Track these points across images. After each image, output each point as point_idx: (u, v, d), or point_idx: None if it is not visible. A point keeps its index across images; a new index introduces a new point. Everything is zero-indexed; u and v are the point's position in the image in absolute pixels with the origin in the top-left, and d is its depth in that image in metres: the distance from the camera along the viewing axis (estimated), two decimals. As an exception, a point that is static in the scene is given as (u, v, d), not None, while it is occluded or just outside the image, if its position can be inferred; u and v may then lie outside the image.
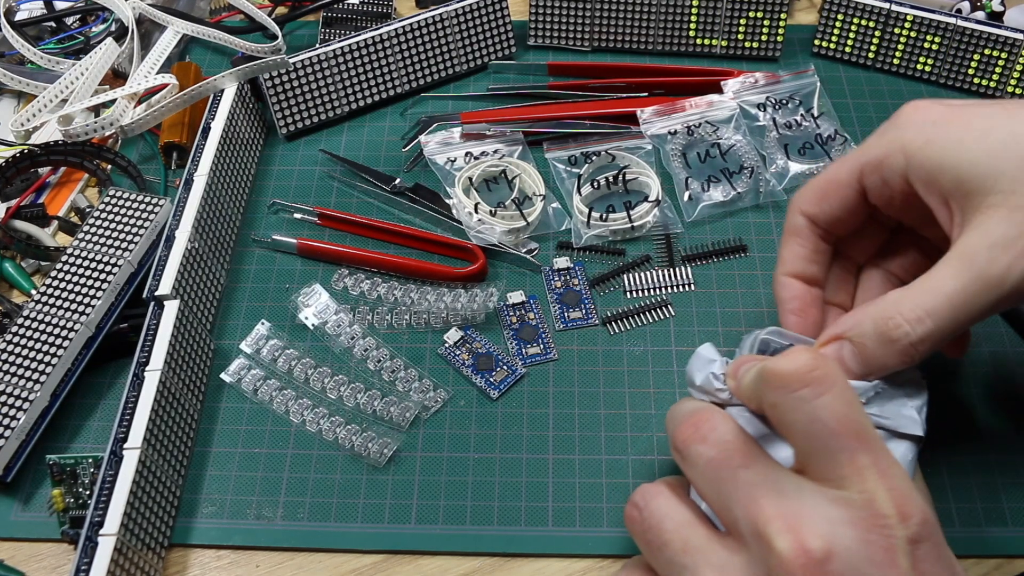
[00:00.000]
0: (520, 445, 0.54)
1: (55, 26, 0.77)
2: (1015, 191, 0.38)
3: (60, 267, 0.57)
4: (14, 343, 0.54)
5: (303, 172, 0.68)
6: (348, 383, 0.56)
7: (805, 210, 0.46)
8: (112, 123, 0.64)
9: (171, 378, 0.52)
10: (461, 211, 0.63)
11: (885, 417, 0.42)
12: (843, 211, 0.46)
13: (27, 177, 0.67)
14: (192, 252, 0.57)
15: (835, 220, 0.46)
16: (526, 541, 0.50)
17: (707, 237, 0.64)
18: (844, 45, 0.75)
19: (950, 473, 0.52)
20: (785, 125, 0.68)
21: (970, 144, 0.40)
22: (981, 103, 0.43)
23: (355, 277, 0.61)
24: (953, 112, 0.42)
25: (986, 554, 0.50)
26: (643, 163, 0.66)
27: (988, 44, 0.71)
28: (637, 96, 0.71)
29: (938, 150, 0.41)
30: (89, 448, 0.54)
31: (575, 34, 0.76)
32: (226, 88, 0.66)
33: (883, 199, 0.45)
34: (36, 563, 0.50)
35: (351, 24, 0.78)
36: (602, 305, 0.60)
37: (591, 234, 0.63)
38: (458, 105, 0.73)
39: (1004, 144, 0.39)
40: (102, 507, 0.45)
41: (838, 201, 0.45)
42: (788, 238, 0.47)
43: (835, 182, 0.45)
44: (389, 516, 0.51)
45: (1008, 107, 0.41)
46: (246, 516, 0.51)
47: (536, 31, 0.76)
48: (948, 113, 0.42)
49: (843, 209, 0.45)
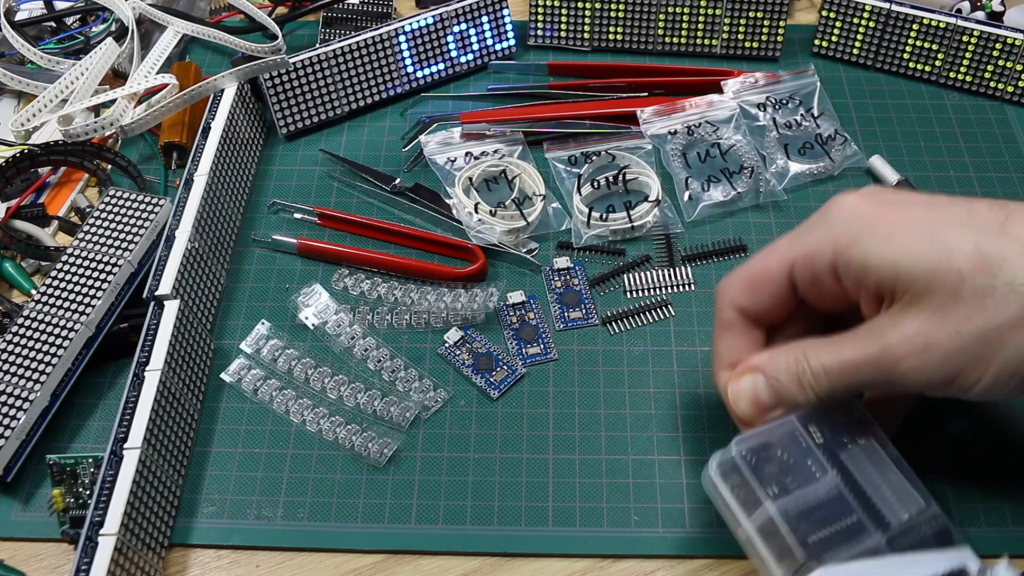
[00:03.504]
0: (520, 445, 0.54)
1: (55, 26, 0.77)
2: (931, 295, 0.40)
3: (60, 267, 0.57)
4: (14, 343, 0.54)
5: (303, 172, 0.68)
6: (348, 383, 0.56)
7: (736, 302, 0.47)
8: (112, 123, 0.64)
9: (171, 378, 0.52)
10: (461, 211, 0.63)
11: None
12: (773, 304, 0.46)
13: (27, 177, 0.67)
14: (192, 252, 0.57)
15: (765, 312, 0.47)
16: (526, 541, 0.50)
17: (707, 237, 0.64)
18: (844, 45, 0.75)
19: (950, 473, 0.52)
20: (785, 125, 0.68)
21: (894, 247, 0.41)
22: (912, 203, 0.43)
23: (355, 277, 0.61)
24: (882, 211, 0.42)
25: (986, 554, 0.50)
26: (643, 163, 0.66)
27: (988, 44, 0.71)
28: (637, 96, 0.71)
29: (864, 250, 0.42)
30: (89, 448, 0.54)
31: (575, 34, 0.76)
32: (226, 88, 0.66)
33: (812, 295, 0.45)
34: (36, 563, 0.50)
35: (351, 24, 0.78)
36: (602, 305, 0.60)
37: (591, 234, 0.63)
38: (458, 105, 0.73)
39: (925, 249, 0.40)
40: (102, 507, 0.45)
41: (768, 294, 0.46)
42: (721, 332, 0.47)
43: (765, 274, 0.46)
44: (389, 516, 0.51)
45: (934, 208, 0.42)
46: (246, 516, 0.51)
47: (536, 31, 0.76)
48: (876, 211, 0.43)
49: (773, 302, 0.46)
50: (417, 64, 0.72)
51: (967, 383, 0.40)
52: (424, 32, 0.71)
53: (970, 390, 0.41)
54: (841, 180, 0.67)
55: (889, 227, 0.42)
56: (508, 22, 0.74)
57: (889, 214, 0.42)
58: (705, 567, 0.49)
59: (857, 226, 0.42)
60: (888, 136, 0.70)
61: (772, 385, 0.44)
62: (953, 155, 0.69)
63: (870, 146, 0.69)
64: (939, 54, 0.72)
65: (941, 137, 0.70)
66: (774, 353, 0.44)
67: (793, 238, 0.45)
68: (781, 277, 0.45)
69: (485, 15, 0.73)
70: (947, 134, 0.70)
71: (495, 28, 0.73)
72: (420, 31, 0.71)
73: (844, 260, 0.42)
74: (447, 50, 0.72)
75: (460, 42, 0.73)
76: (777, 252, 0.45)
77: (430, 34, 0.71)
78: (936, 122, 0.71)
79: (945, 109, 0.72)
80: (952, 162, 0.68)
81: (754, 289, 0.46)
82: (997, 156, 0.69)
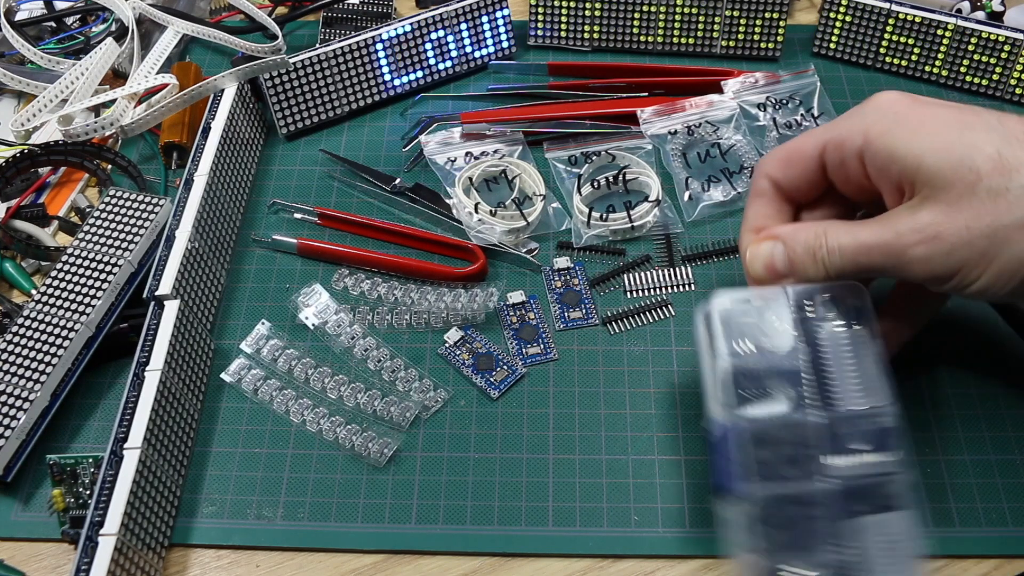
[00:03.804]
0: (520, 445, 0.54)
1: (55, 26, 0.77)
2: (948, 189, 0.42)
3: (60, 267, 0.57)
4: (14, 343, 0.54)
5: (303, 172, 0.68)
6: (348, 383, 0.56)
7: (770, 174, 0.50)
8: (112, 123, 0.64)
9: (171, 378, 0.52)
10: (461, 211, 0.63)
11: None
12: (804, 181, 0.49)
13: (27, 177, 0.67)
14: (192, 252, 0.57)
15: (796, 188, 0.49)
16: (526, 541, 0.50)
17: (707, 237, 0.64)
18: (844, 45, 0.75)
19: (950, 473, 0.52)
20: (785, 125, 0.68)
21: (920, 140, 0.43)
22: (947, 106, 0.45)
23: (355, 277, 0.61)
24: (916, 108, 0.45)
25: (986, 554, 0.50)
26: (643, 163, 0.66)
27: (988, 44, 0.71)
28: (637, 96, 0.71)
29: (893, 140, 0.44)
30: (89, 448, 0.54)
31: (575, 34, 0.76)
32: (226, 88, 0.66)
33: (840, 178, 0.48)
34: (36, 563, 0.50)
35: (351, 24, 0.78)
36: (602, 305, 0.60)
37: (591, 234, 0.63)
38: (458, 105, 0.73)
39: (949, 145, 0.43)
40: (102, 507, 0.45)
41: (800, 170, 0.49)
42: (753, 199, 0.51)
43: (799, 152, 0.49)
44: (389, 516, 0.51)
45: (965, 112, 0.44)
46: (246, 516, 0.51)
47: (536, 31, 0.76)
48: (911, 108, 0.45)
49: (804, 179, 0.49)
50: (417, 64, 0.72)
51: (968, 278, 0.43)
52: (424, 32, 0.71)
53: (970, 286, 0.43)
54: (841, 180, 0.67)
55: (919, 122, 0.44)
56: (508, 22, 0.74)
57: (922, 111, 0.45)
58: (705, 567, 0.49)
59: (889, 118, 0.45)
60: (888, 136, 0.70)
61: (789, 255, 0.46)
62: (953, 155, 0.69)
63: (870, 146, 0.69)
64: (939, 54, 0.72)
65: (941, 137, 0.70)
66: (797, 227, 0.47)
67: (830, 124, 0.48)
68: (813, 156, 0.48)
69: (485, 15, 0.73)
70: (947, 134, 0.70)
71: (495, 28, 0.73)
72: (420, 31, 0.71)
73: (872, 148, 0.45)
74: (447, 50, 0.72)
75: (460, 42, 0.73)
76: (814, 134, 0.48)
77: (430, 34, 0.71)
78: (936, 122, 0.71)
79: (945, 109, 0.72)
80: (952, 162, 0.68)
81: (788, 164, 0.49)
82: (997, 156, 0.69)
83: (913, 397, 0.56)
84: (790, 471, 0.41)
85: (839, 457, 0.42)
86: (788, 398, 0.43)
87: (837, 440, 0.42)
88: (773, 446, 0.42)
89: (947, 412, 0.55)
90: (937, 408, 0.55)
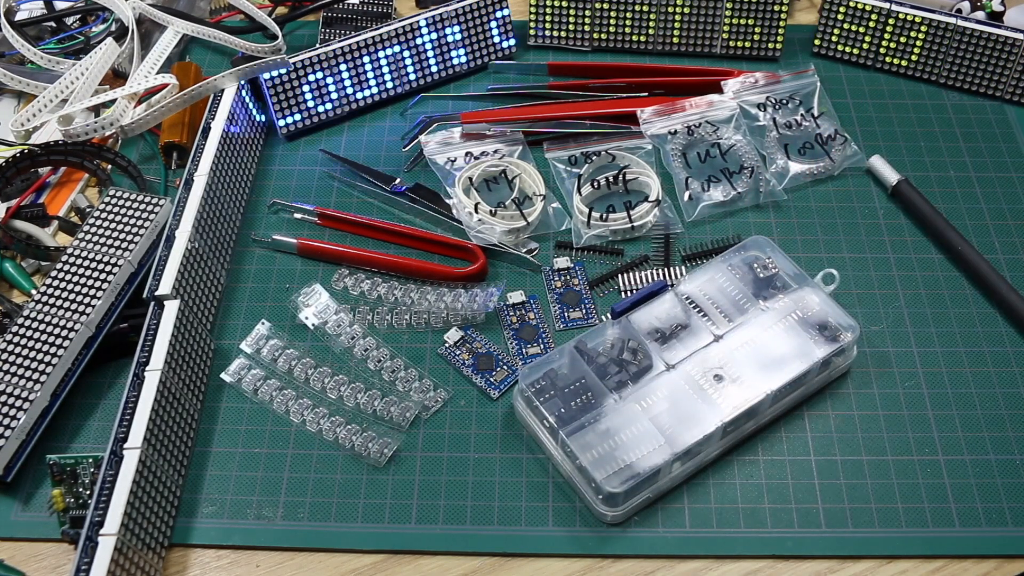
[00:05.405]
0: (520, 445, 0.54)
1: (55, 26, 0.77)
2: None
3: (60, 267, 0.57)
4: (14, 343, 0.54)
5: (303, 172, 0.68)
6: (348, 383, 0.56)
7: None
8: (112, 123, 0.64)
9: (171, 378, 0.52)
10: (461, 211, 0.63)
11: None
12: None
13: (27, 177, 0.67)
14: (192, 252, 0.57)
15: None
16: (526, 541, 0.50)
17: (707, 237, 0.64)
18: (844, 45, 0.75)
19: (951, 473, 0.52)
20: (785, 125, 0.68)
21: None
22: None
23: (355, 277, 0.61)
24: None
25: (986, 554, 0.50)
26: (643, 163, 0.66)
27: (988, 44, 0.71)
28: (637, 96, 0.71)
29: None
30: (89, 448, 0.54)
31: (575, 34, 0.76)
32: (226, 88, 0.66)
33: None
34: (36, 563, 0.50)
35: (351, 24, 0.78)
36: (602, 305, 0.60)
37: (591, 234, 0.63)
38: (458, 105, 0.73)
39: None
40: (102, 507, 0.45)
41: None
42: None
43: None
44: (389, 516, 0.51)
45: None
46: (246, 516, 0.51)
47: (536, 31, 0.76)
48: None
49: None
50: (417, 64, 0.72)
51: None
52: (424, 32, 0.71)
53: None
54: (841, 180, 0.67)
55: None
56: (508, 22, 0.74)
57: None
58: (705, 567, 0.49)
59: None
60: (888, 136, 0.70)
61: None
62: (953, 155, 0.69)
63: (870, 146, 0.69)
64: (939, 54, 0.72)
65: (941, 137, 0.70)
66: None
67: None
68: None
69: (485, 15, 0.72)
70: (947, 134, 0.70)
71: (495, 28, 0.73)
72: (420, 31, 0.71)
73: None
74: (447, 50, 0.72)
75: (460, 42, 0.73)
76: None
77: (430, 34, 0.71)
78: (936, 122, 0.71)
79: (945, 109, 0.72)
80: (952, 162, 0.68)
81: None
82: (997, 156, 0.69)
83: (913, 397, 0.56)
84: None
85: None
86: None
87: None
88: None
89: (947, 412, 0.55)
90: (937, 408, 0.55)
